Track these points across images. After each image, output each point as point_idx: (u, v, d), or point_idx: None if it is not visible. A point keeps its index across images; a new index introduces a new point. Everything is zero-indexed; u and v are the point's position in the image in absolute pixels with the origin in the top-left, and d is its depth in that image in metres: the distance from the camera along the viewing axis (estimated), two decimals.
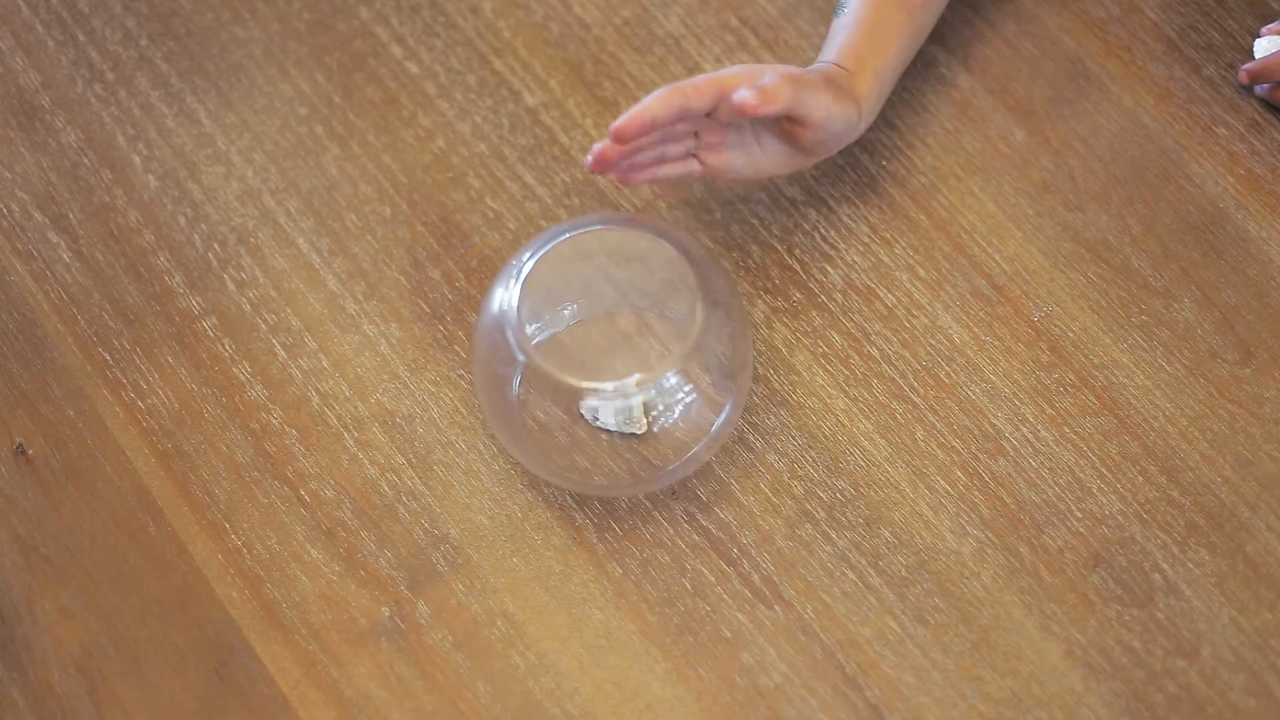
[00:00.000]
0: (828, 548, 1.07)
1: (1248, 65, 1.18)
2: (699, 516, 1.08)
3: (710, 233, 1.16)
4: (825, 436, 1.10)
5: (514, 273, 1.04)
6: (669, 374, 1.04)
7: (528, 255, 1.04)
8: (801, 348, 1.13)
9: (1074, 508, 1.07)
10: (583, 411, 1.08)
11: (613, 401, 1.07)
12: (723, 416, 1.06)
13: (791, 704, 1.03)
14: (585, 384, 1.03)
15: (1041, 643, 1.04)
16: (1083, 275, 1.14)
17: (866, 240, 1.16)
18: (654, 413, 1.06)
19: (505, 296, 1.04)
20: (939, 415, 1.10)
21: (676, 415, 1.06)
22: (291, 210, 1.18)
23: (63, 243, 1.17)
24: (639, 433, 1.09)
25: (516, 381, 1.05)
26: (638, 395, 1.07)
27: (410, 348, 1.13)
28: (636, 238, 1.06)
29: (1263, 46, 1.19)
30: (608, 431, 1.08)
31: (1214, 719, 1.02)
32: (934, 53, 1.22)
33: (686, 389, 1.05)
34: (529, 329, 1.06)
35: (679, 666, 1.04)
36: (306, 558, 1.07)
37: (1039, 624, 1.04)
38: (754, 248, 1.16)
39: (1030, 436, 1.09)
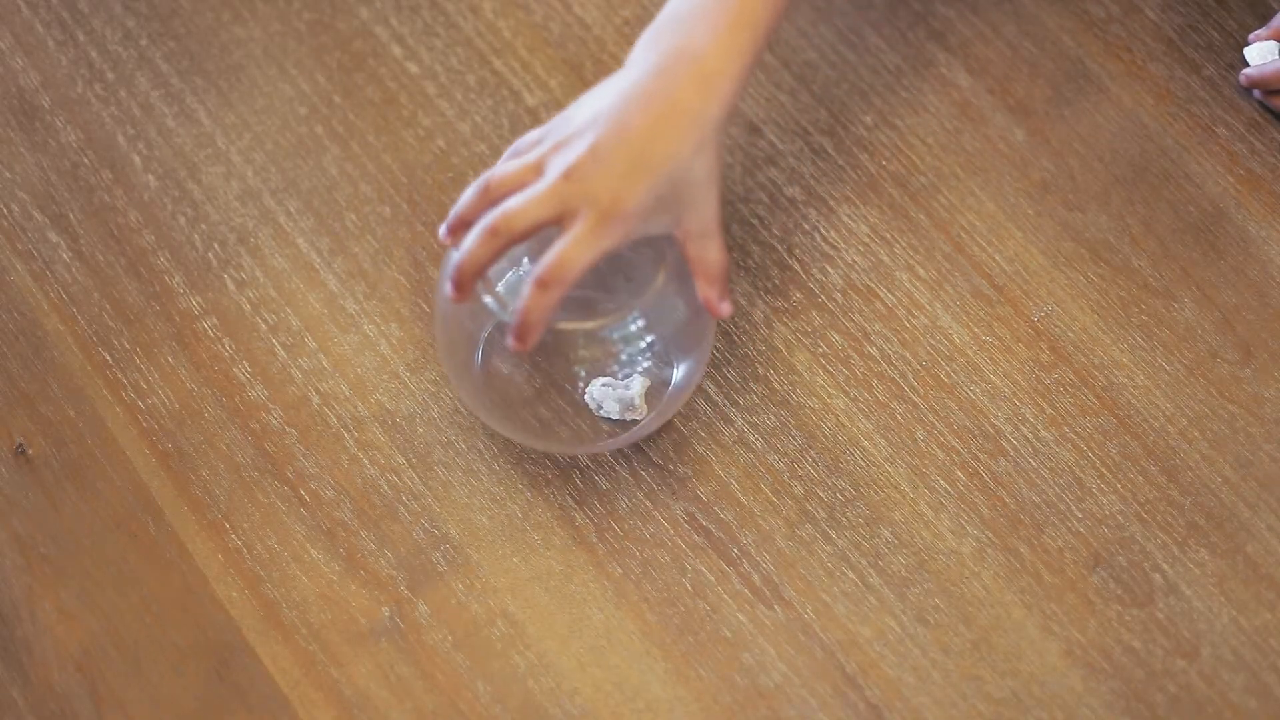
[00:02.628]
0: (828, 548, 1.07)
1: (1247, 71, 1.18)
2: (699, 516, 1.08)
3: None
4: (825, 436, 1.10)
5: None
6: (634, 318, 1.03)
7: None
8: (801, 348, 1.13)
9: (1074, 508, 1.07)
10: (585, 400, 1.08)
11: (615, 391, 1.07)
12: (684, 369, 1.06)
13: (791, 704, 1.03)
14: (561, 324, 1.02)
15: (1041, 643, 1.04)
16: (1083, 275, 1.14)
17: (866, 240, 1.16)
18: (620, 361, 1.06)
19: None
20: (939, 415, 1.10)
21: (641, 368, 1.06)
22: (291, 210, 1.18)
23: (63, 243, 1.17)
24: (640, 419, 1.09)
25: (484, 334, 1.05)
26: (638, 383, 1.07)
27: (410, 348, 1.13)
28: None
29: (1254, 54, 1.19)
30: (609, 420, 1.09)
31: (1214, 719, 1.02)
32: (934, 52, 1.22)
33: (649, 339, 1.05)
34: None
35: (679, 666, 1.04)
36: (306, 558, 1.07)
37: (1039, 624, 1.04)
38: (754, 248, 1.16)
39: (1030, 436, 1.09)
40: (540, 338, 1.00)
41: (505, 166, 1.03)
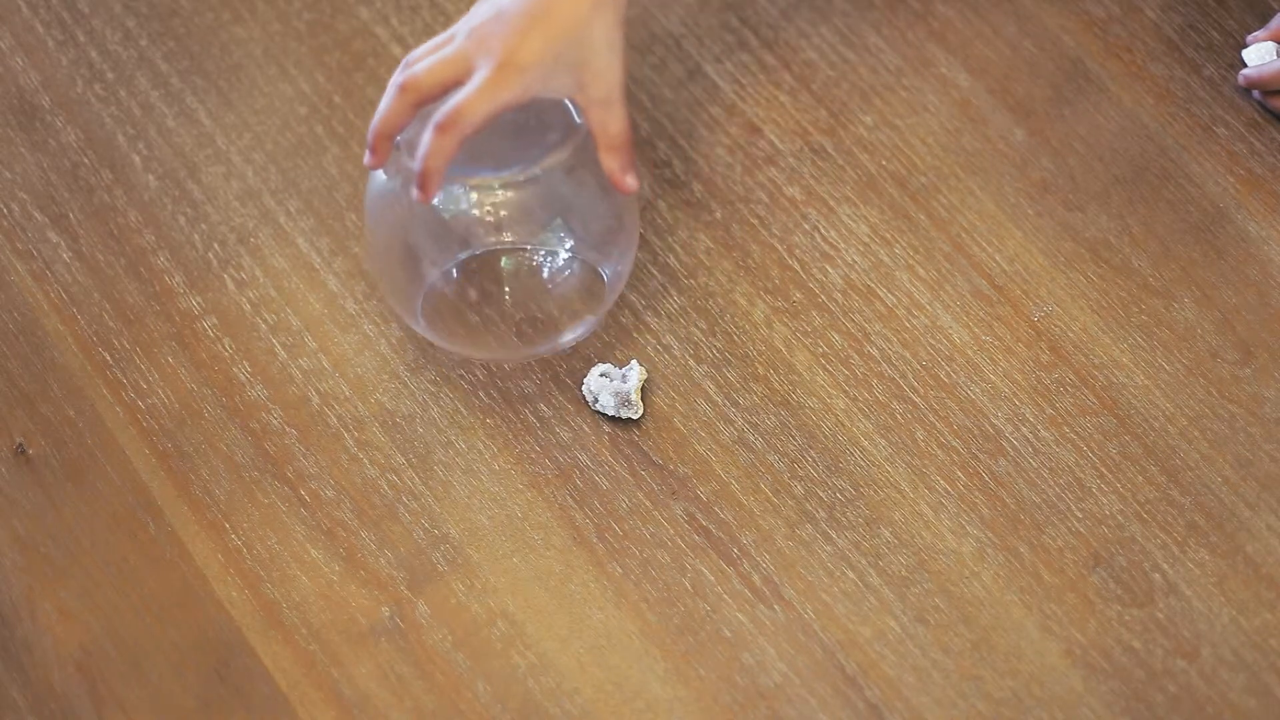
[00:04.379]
0: (828, 548, 1.07)
1: (1245, 71, 1.18)
2: (699, 516, 1.08)
3: (710, 232, 1.16)
4: (825, 436, 1.10)
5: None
6: (538, 173, 1.05)
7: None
8: (801, 348, 1.13)
9: (1074, 508, 1.07)
10: (582, 393, 1.09)
11: (612, 383, 1.08)
12: (611, 263, 1.09)
13: (791, 704, 1.03)
14: (469, 180, 1.05)
15: (1041, 643, 1.04)
16: (1083, 275, 1.14)
17: (866, 240, 1.16)
18: (536, 232, 1.08)
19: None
20: (939, 415, 1.10)
21: (565, 248, 1.08)
22: (291, 210, 1.18)
23: (63, 243, 1.17)
24: (635, 418, 1.09)
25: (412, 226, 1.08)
26: (635, 376, 1.08)
27: (410, 348, 1.13)
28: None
29: (1253, 55, 1.19)
30: (605, 417, 1.09)
31: (1214, 719, 1.02)
32: (934, 52, 1.22)
33: (568, 245, 1.08)
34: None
35: (679, 666, 1.04)
36: (306, 558, 1.07)
37: (1039, 624, 1.04)
38: (754, 248, 1.16)
39: (1030, 436, 1.09)
40: (440, 186, 1.03)
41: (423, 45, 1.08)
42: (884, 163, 1.18)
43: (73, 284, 1.16)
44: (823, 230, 1.16)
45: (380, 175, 1.07)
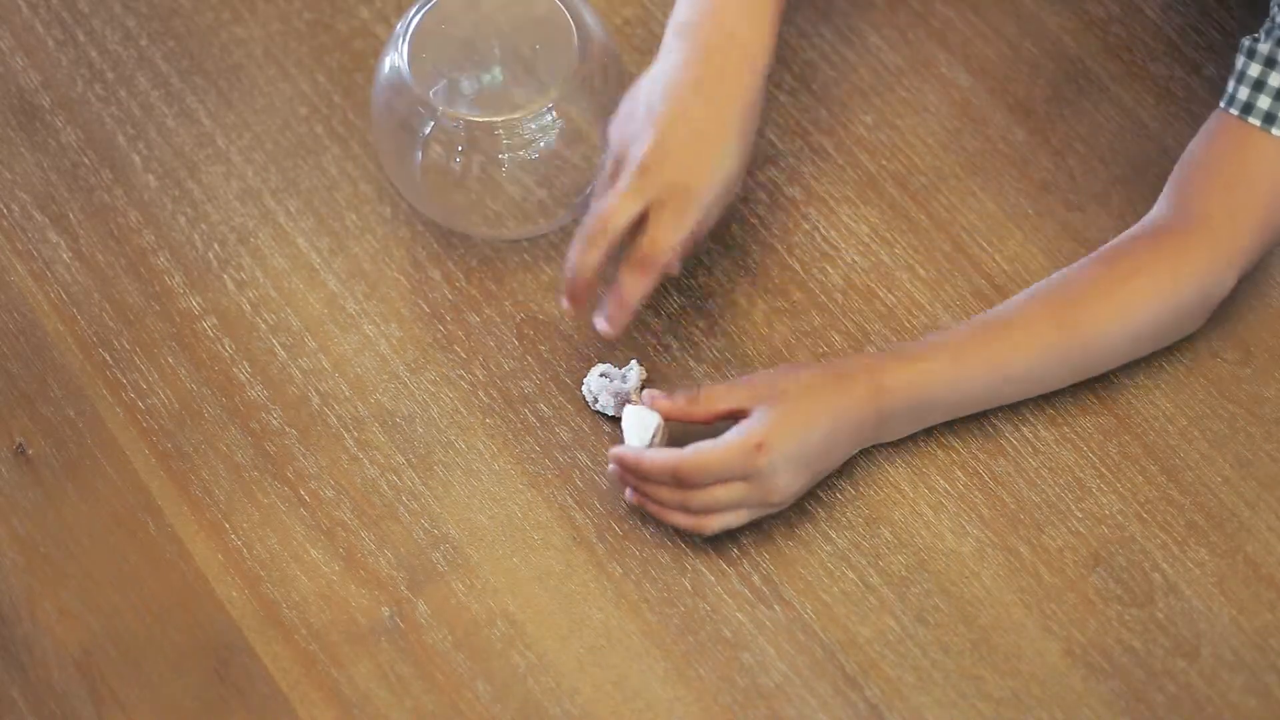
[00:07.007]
0: (828, 547, 1.07)
1: (618, 452, 1.05)
2: None
3: (710, 232, 1.16)
4: None
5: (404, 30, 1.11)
6: (547, 109, 1.10)
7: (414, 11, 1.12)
8: (801, 348, 1.13)
9: (1074, 507, 1.07)
10: (582, 393, 1.09)
11: (612, 383, 1.08)
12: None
13: (791, 704, 1.03)
14: (481, 118, 1.10)
15: (1041, 643, 1.04)
16: None
17: (866, 240, 1.16)
18: (537, 148, 1.12)
19: (396, 58, 1.11)
20: None
21: (550, 144, 1.11)
22: (291, 210, 1.18)
23: (63, 243, 1.17)
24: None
25: (425, 130, 1.11)
26: (635, 375, 1.09)
27: (410, 348, 1.13)
28: None
29: (631, 422, 1.06)
30: (605, 417, 1.09)
31: (1214, 719, 1.02)
32: (934, 52, 1.22)
33: (560, 124, 1.11)
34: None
35: (679, 666, 1.04)
36: (306, 558, 1.07)
37: (1039, 624, 1.04)
38: (754, 248, 1.16)
39: (1030, 436, 1.09)
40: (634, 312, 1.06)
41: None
42: (884, 163, 1.18)
43: (73, 284, 1.16)
44: (823, 230, 1.16)
45: (385, 66, 1.11)
